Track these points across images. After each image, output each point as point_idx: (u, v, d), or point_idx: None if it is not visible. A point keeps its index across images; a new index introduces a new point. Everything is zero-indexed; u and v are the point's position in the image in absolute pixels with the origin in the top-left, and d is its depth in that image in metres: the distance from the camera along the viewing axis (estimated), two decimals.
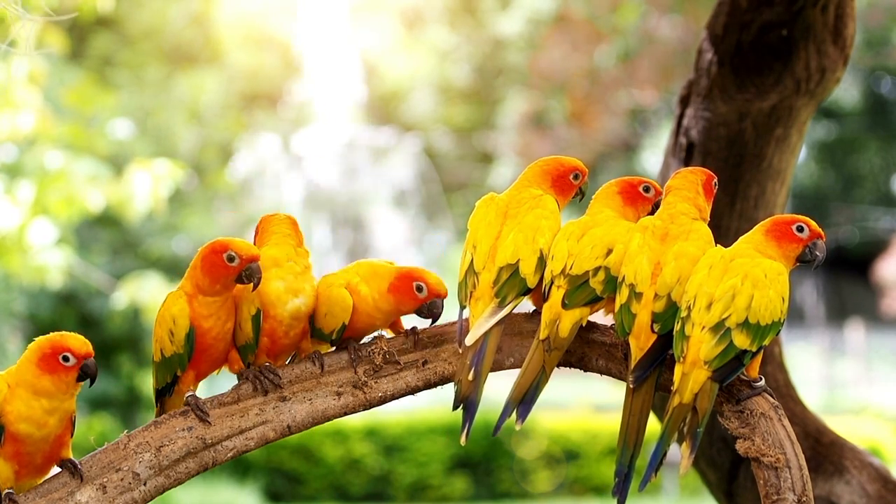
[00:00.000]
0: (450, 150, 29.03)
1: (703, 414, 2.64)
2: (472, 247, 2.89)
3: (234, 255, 2.77)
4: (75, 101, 9.88)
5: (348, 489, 14.95)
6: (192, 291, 2.82)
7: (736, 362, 2.66)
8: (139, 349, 15.63)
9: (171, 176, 8.41)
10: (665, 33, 22.10)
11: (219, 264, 2.78)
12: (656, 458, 2.66)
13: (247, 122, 24.14)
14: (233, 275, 2.78)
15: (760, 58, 3.75)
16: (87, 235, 14.91)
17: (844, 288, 29.79)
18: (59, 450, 2.75)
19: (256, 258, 2.79)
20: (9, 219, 7.99)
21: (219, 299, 2.82)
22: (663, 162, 4.08)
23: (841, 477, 3.76)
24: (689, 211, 2.83)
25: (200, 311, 2.81)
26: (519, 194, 2.93)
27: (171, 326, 2.81)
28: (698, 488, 14.55)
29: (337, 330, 2.89)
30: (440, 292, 2.88)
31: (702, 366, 2.64)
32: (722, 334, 2.64)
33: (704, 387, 2.64)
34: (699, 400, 2.64)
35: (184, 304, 2.81)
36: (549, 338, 2.77)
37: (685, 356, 2.66)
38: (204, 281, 2.81)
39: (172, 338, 2.81)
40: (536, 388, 2.77)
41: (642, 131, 27.05)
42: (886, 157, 30.08)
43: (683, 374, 2.65)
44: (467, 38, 28.59)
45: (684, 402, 2.64)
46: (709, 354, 2.64)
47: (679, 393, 2.65)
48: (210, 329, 2.82)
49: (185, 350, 2.81)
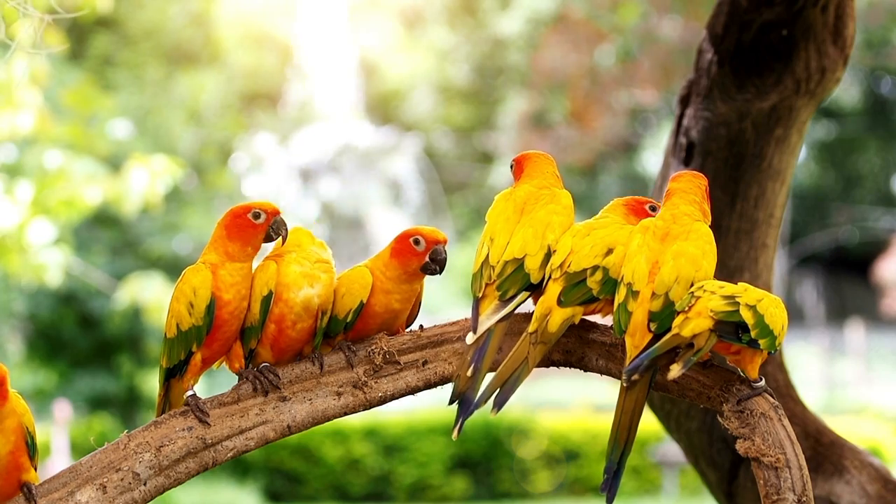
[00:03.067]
0: (450, 150, 29.04)
1: (697, 348, 2.66)
2: (490, 239, 2.89)
3: (259, 212, 2.82)
4: (75, 101, 9.89)
5: (348, 489, 14.96)
6: (218, 261, 2.83)
7: (734, 330, 2.68)
8: (139, 349, 15.64)
9: (169, 172, 8.40)
10: (665, 33, 22.12)
11: (246, 225, 2.82)
12: (642, 359, 2.68)
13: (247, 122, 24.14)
14: (261, 232, 2.83)
15: (760, 58, 3.75)
16: (86, 235, 14.91)
17: (844, 288, 29.81)
18: (17, 472, 2.69)
19: (279, 212, 2.85)
20: (8, 218, 7.99)
21: (246, 266, 2.84)
22: (663, 162, 4.08)
23: (841, 477, 3.76)
24: (693, 213, 2.84)
25: (226, 279, 2.81)
26: (538, 191, 2.94)
27: (192, 298, 2.81)
28: (698, 488, 14.55)
29: (354, 310, 2.88)
30: (437, 239, 2.87)
31: (707, 314, 2.67)
32: (732, 301, 2.68)
33: (704, 333, 2.67)
34: (697, 338, 2.67)
35: (206, 275, 2.82)
36: (538, 331, 2.78)
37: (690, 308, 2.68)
38: (234, 246, 2.83)
39: (192, 309, 2.81)
40: (517, 378, 2.77)
41: (642, 131, 27.06)
42: (886, 157, 30.09)
43: (686, 318, 2.68)
44: (467, 38, 28.60)
45: (682, 334, 2.67)
46: (717, 307, 2.67)
47: (678, 328, 2.68)
48: (229, 302, 2.82)
49: (205, 322, 2.81)
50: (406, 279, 2.90)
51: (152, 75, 21.90)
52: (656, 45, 22.35)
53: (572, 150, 24.53)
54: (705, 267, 2.78)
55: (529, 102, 25.69)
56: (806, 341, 24.34)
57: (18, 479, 2.71)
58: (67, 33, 9.66)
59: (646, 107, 25.05)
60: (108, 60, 21.78)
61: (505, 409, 2.78)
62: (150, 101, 18.77)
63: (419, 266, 2.87)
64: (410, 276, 2.89)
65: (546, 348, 2.78)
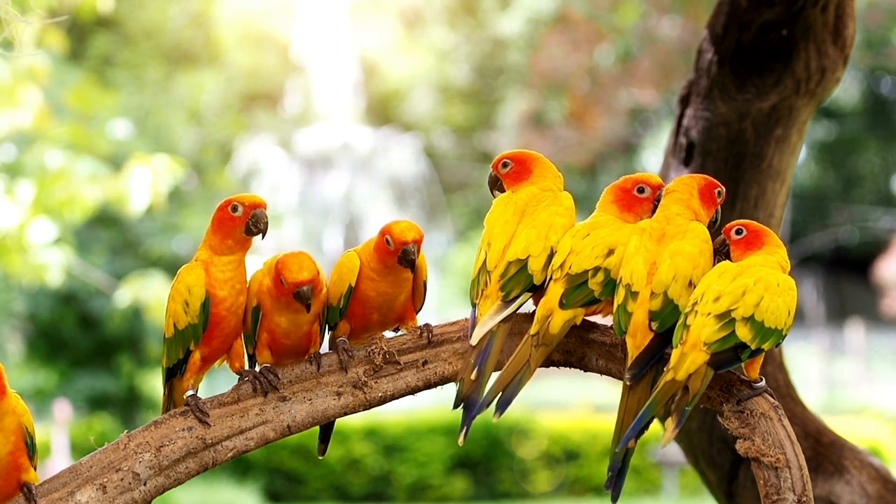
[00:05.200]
0: (450, 150, 29.04)
1: (693, 394, 2.65)
2: (487, 244, 2.89)
3: (237, 204, 2.82)
4: (75, 101, 9.89)
5: (348, 489, 14.95)
6: (207, 256, 2.84)
7: (733, 354, 2.67)
8: (139, 349, 15.63)
9: (170, 172, 8.39)
10: (665, 33, 22.11)
11: (225, 218, 2.82)
12: (639, 424, 2.67)
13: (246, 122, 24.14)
14: (240, 225, 2.81)
15: (760, 58, 3.75)
16: (87, 235, 14.90)
17: (844, 288, 29.80)
18: (17, 472, 2.70)
19: (260, 205, 2.83)
20: (9, 218, 7.98)
21: (234, 260, 2.83)
22: (663, 162, 4.08)
23: (841, 477, 3.76)
24: (683, 212, 2.84)
25: (217, 275, 2.81)
26: (540, 192, 2.93)
27: (187, 297, 2.81)
28: (698, 488, 14.55)
29: (344, 294, 2.88)
30: (404, 240, 2.83)
31: (701, 348, 2.65)
32: (726, 322, 2.66)
33: (700, 369, 2.65)
34: (692, 380, 2.65)
35: (199, 273, 2.82)
36: (539, 333, 2.78)
37: (685, 340, 2.67)
38: (215, 239, 2.83)
39: (187, 308, 2.81)
40: (519, 381, 2.77)
41: (642, 131, 27.05)
42: (886, 157, 30.09)
43: (682, 354, 2.66)
44: (467, 38, 28.60)
45: (677, 378, 2.65)
46: (710, 337, 2.65)
47: (673, 370, 2.66)
48: (224, 299, 2.82)
49: (201, 320, 2.80)
50: (387, 272, 2.90)
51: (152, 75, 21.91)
52: (656, 45, 22.35)
53: (572, 150, 24.52)
54: (702, 264, 2.78)
55: (529, 102, 25.69)
56: (806, 341, 24.33)
57: (18, 480, 2.71)
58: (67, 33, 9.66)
59: (645, 107, 25.03)
60: (108, 60, 21.80)
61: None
62: (150, 101, 18.77)
63: (395, 262, 2.87)
64: (391, 268, 2.89)
65: (548, 350, 2.78)
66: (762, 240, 2.81)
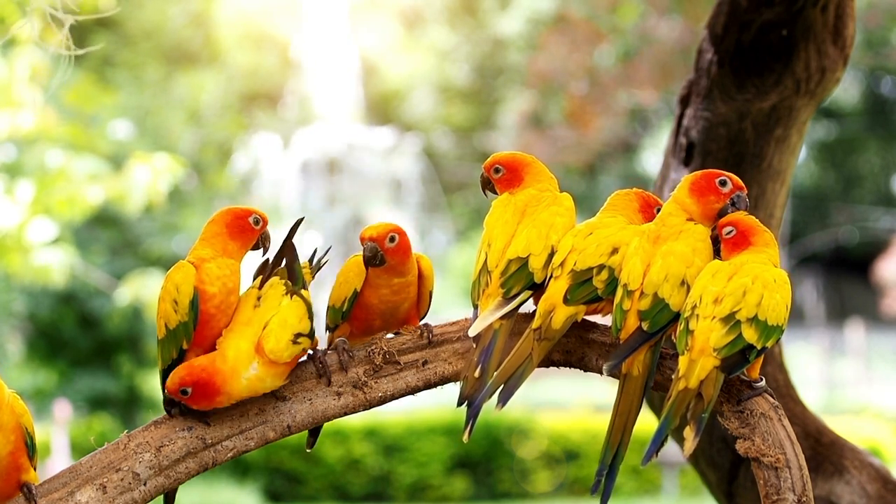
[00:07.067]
0: (450, 150, 29.04)
1: (708, 400, 2.64)
2: (487, 245, 2.89)
3: (259, 218, 2.89)
4: (76, 100, 9.88)
5: (348, 489, 14.95)
6: (210, 255, 2.84)
7: (742, 356, 2.66)
8: (139, 349, 15.63)
9: (170, 170, 8.39)
10: (665, 33, 22.10)
11: (247, 227, 2.87)
12: (660, 437, 2.66)
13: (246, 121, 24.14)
14: (255, 238, 2.89)
15: (760, 58, 3.75)
16: (86, 235, 14.90)
17: (844, 288, 29.80)
18: (17, 472, 2.70)
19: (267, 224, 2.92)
20: (9, 218, 7.98)
21: (234, 263, 2.86)
22: (663, 162, 4.08)
23: (841, 477, 3.76)
24: (675, 212, 2.84)
25: (213, 271, 2.82)
26: (539, 193, 2.93)
27: (175, 295, 2.80)
28: (698, 488, 14.55)
29: (348, 298, 2.90)
30: (362, 237, 2.89)
31: (710, 353, 2.65)
32: (732, 325, 2.66)
33: (711, 375, 2.65)
34: (704, 386, 2.64)
35: (188, 270, 2.82)
36: (542, 328, 2.78)
37: (691, 347, 2.66)
38: (234, 245, 2.86)
39: (177, 307, 2.80)
40: (521, 374, 2.77)
41: (642, 131, 27.06)
42: (886, 157, 30.09)
43: (691, 361, 2.66)
44: (467, 38, 28.60)
45: (690, 386, 2.65)
46: (718, 342, 2.65)
47: (685, 378, 2.65)
48: (214, 296, 2.81)
49: (191, 317, 2.80)
50: (387, 277, 2.91)
51: (152, 75, 21.91)
52: (656, 45, 22.33)
53: (571, 150, 24.52)
54: (697, 263, 2.78)
55: (529, 102, 25.68)
56: (806, 341, 24.33)
57: (18, 480, 2.70)
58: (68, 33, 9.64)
59: (645, 107, 25.03)
60: (108, 60, 21.78)
61: (505, 408, 2.78)
62: (150, 101, 18.77)
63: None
64: (385, 273, 2.91)
65: (550, 345, 2.78)
66: (751, 239, 2.80)
